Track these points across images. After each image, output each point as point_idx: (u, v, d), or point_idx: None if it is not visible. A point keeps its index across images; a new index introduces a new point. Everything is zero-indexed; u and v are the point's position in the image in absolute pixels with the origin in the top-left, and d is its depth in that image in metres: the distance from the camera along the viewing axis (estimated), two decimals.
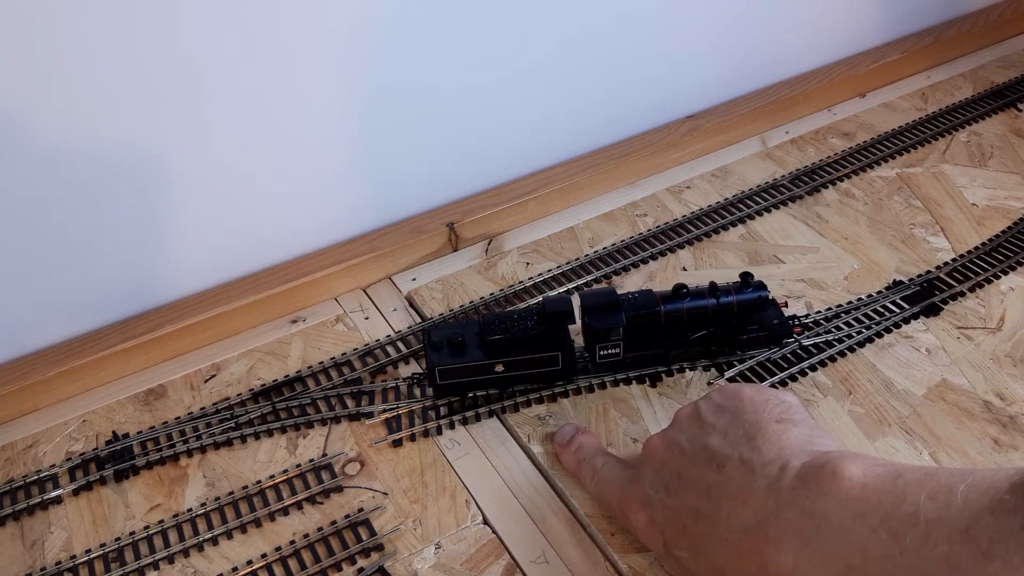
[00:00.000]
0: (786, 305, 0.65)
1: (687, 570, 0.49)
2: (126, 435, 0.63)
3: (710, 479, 0.47)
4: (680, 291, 0.61)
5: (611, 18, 0.78)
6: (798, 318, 0.67)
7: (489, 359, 0.61)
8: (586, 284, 0.73)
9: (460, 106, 0.76)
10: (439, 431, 0.62)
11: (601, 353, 0.62)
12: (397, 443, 0.61)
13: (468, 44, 0.73)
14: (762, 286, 0.63)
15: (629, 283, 0.73)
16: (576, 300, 0.62)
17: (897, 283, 0.71)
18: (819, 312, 0.69)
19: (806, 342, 0.66)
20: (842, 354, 0.66)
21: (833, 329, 0.67)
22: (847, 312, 0.69)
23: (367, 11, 0.66)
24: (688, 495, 0.47)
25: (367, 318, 0.72)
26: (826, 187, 0.82)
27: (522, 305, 0.70)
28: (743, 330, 0.63)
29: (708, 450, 0.48)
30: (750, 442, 0.46)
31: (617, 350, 0.62)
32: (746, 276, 0.62)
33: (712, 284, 0.62)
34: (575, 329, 0.62)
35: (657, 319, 0.61)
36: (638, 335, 0.62)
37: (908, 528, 0.38)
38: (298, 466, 0.60)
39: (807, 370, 0.64)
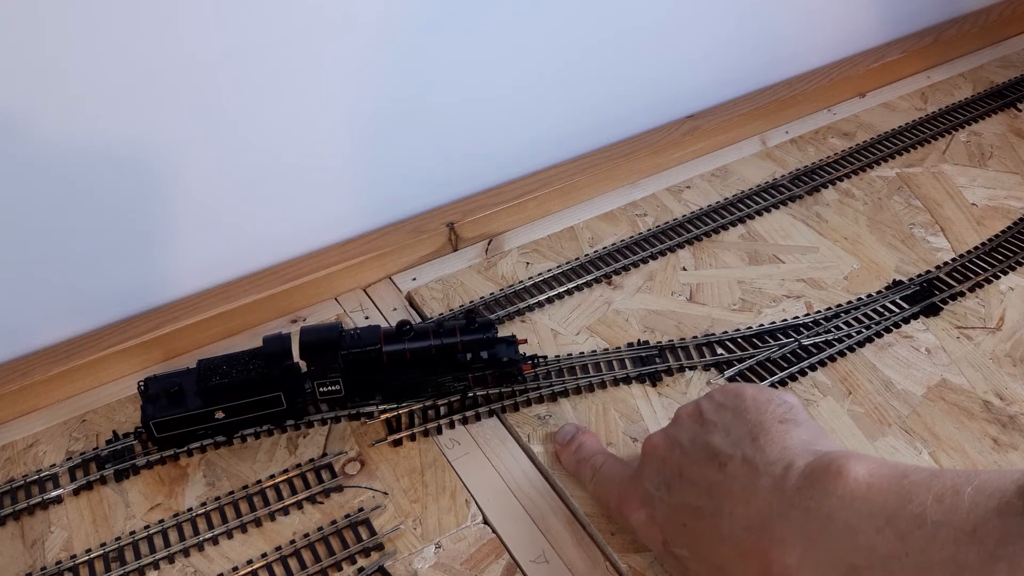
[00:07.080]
0: (525, 342, 0.63)
1: (687, 569, 0.49)
2: (126, 435, 0.63)
3: (712, 477, 0.46)
4: (404, 329, 0.60)
5: (611, 19, 0.78)
6: (539, 358, 0.64)
7: (208, 406, 0.59)
8: (586, 284, 0.73)
9: (460, 106, 0.76)
10: (439, 431, 0.62)
11: (321, 390, 0.60)
12: (397, 443, 0.61)
13: (469, 46, 0.73)
14: (489, 325, 0.61)
15: (629, 283, 0.73)
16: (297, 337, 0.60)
17: (897, 283, 0.71)
18: (819, 312, 0.69)
19: (806, 342, 0.66)
20: (842, 354, 0.66)
21: (833, 329, 0.67)
22: (847, 312, 0.69)
23: (369, 14, 0.66)
24: (689, 493, 0.47)
25: (367, 318, 0.72)
26: (826, 187, 0.82)
27: (247, 347, 0.66)
28: (472, 368, 0.61)
29: (710, 448, 0.48)
30: (753, 441, 0.46)
31: (338, 387, 0.60)
32: (471, 315, 0.61)
33: (438, 323, 0.61)
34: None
35: (379, 358, 0.59)
36: (360, 373, 0.60)
37: (914, 529, 0.38)
38: (298, 466, 0.60)
39: (807, 370, 0.64)
